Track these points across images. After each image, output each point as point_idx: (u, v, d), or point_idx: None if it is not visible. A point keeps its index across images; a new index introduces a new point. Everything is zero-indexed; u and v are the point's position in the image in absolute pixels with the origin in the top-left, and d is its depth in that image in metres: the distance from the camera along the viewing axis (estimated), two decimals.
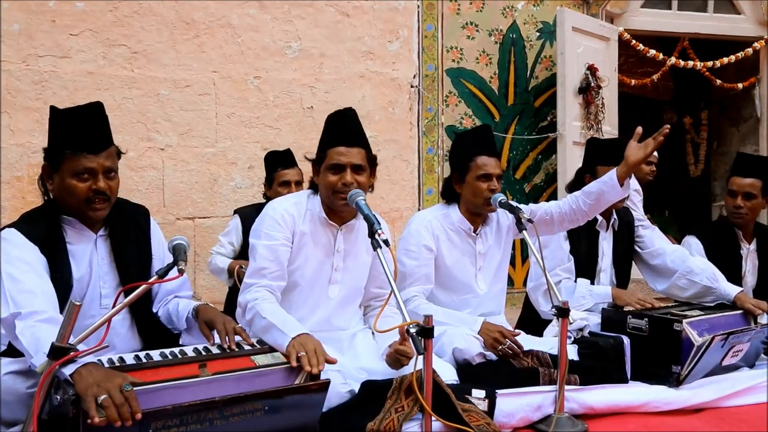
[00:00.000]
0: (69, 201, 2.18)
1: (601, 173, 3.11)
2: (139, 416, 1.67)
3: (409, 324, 1.95)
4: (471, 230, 3.05)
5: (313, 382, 2.02)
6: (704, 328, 2.90)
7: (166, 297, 2.47)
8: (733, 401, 2.80)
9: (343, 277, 2.65)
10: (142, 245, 2.38)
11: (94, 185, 2.16)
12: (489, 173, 2.95)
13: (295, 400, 1.97)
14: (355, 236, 2.68)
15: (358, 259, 2.69)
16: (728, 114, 7.34)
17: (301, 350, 2.07)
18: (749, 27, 6.25)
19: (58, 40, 4.23)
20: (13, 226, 2.18)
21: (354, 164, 2.51)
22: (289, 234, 2.55)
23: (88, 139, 2.16)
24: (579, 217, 3.08)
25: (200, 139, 4.56)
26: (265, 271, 2.50)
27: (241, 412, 1.87)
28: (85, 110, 2.22)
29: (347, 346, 2.60)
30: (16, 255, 2.08)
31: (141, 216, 2.45)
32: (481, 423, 2.25)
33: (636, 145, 2.88)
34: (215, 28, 4.58)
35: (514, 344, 2.74)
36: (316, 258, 2.60)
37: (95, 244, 2.27)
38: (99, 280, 2.27)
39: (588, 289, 3.35)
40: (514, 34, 5.47)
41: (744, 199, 3.55)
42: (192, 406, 1.79)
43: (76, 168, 2.14)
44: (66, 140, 2.16)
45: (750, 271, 3.66)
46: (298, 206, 2.61)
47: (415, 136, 5.16)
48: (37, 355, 1.85)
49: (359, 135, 2.60)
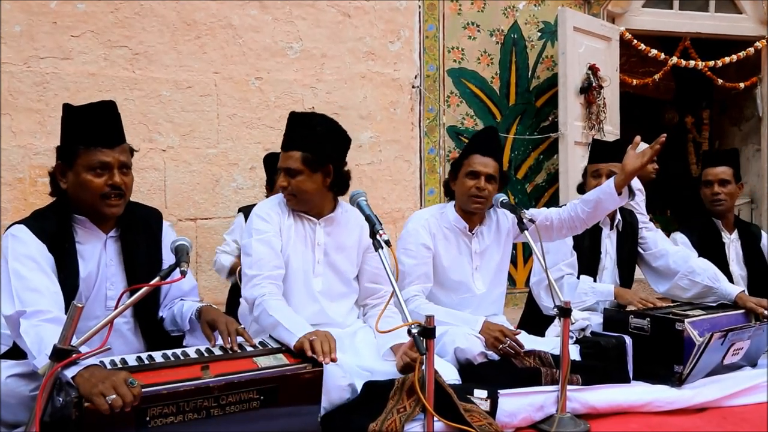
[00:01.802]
0: (84, 197, 2.18)
1: (595, 170, 3.42)
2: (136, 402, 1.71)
3: (410, 324, 1.95)
4: (466, 229, 3.06)
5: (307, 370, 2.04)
6: (706, 327, 2.90)
7: (173, 301, 2.46)
8: (736, 400, 2.80)
9: (325, 269, 2.71)
10: (152, 248, 2.38)
11: (110, 180, 2.16)
12: (477, 171, 2.95)
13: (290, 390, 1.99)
14: (338, 229, 2.74)
15: (343, 253, 2.74)
16: (730, 113, 7.33)
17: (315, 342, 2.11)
18: (751, 26, 6.25)
19: (59, 42, 4.24)
20: (23, 222, 2.17)
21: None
22: (276, 228, 2.64)
23: (102, 134, 2.16)
24: (577, 224, 3.10)
25: (202, 140, 4.56)
26: (263, 262, 2.56)
27: (237, 401, 1.89)
28: (99, 107, 2.22)
29: (348, 344, 2.61)
30: (23, 252, 2.08)
31: (153, 219, 2.45)
32: (483, 423, 2.25)
33: (634, 153, 2.90)
34: (216, 28, 4.58)
35: (514, 343, 2.74)
36: (299, 251, 2.67)
37: (104, 245, 2.27)
38: (106, 281, 2.27)
39: (591, 286, 3.36)
40: (515, 34, 5.46)
41: (720, 186, 3.69)
42: (187, 391, 1.82)
43: (92, 162, 2.14)
44: (80, 135, 2.16)
45: (734, 260, 3.71)
46: (281, 206, 2.71)
47: (416, 137, 5.16)
48: (39, 356, 1.85)
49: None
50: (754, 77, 6.50)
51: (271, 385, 1.95)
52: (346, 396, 2.33)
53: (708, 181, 3.73)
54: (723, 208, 3.72)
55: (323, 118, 2.71)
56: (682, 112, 8.22)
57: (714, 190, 3.69)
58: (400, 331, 2.09)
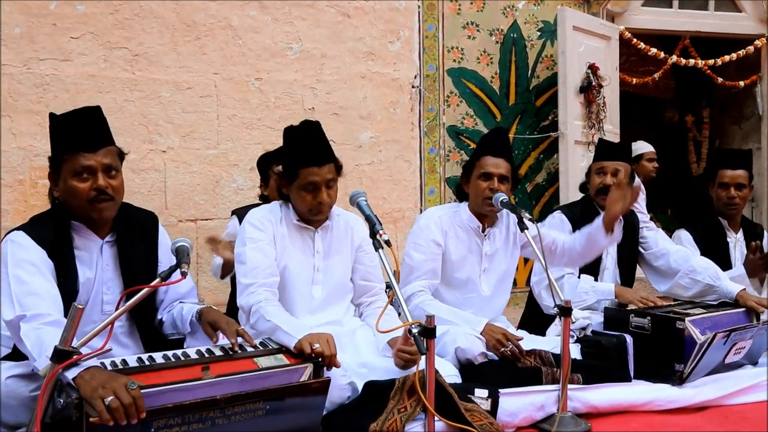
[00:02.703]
0: (73, 203, 2.18)
1: (600, 167, 3.47)
2: (144, 415, 1.68)
3: (411, 324, 1.96)
4: (480, 229, 3.07)
5: (315, 380, 2.03)
6: (707, 326, 2.90)
7: (172, 304, 2.46)
8: (737, 399, 2.81)
9: (324, 277, 2.72)
10: (149, 251, 2.38)
11: (95, 184, 2.16)
12: (490, 172, 2.97)
13: (296, 399, 1.98)
14: (331, 236, 2.75)
15: (339, 257, 2.76)
16: (730, 112, 7.32)
17: (315, 342, 2.11)
18: (750, 25, 6.24)
19: (59, 43, 4.24)
20: (22, 228, 2.18)
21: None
22: (270, 236, 2.63)
23: (83, 138, 2.16)
24: (575, 256, 3.15)
25: (202, 140, 4.56)
26: (257, 270, 2.55)
27: (242, 411, 1.88)
28: (82, 112, 2.22)
29: (348, 342, 2.61)
30: (23, 257, 2.08)
31: (149, 222, 2.44)
32: (484, 422, 2.25)
33: (618, 194, 2.95)
34: (216, 29, 4.58)
35: (516, 348, 2.74)
36: (297, 261, 2.67)
37: (101, 250, 2.27)
38: (102, 286, 2.28)
39: (591, 286, 3.36)
40: (515, 33, 5.46)
41: (736, 190, 3.68)
42: (194, 404, 1.80)
43: (75, 167, 2.14)
44: (64, 142, 2.16)
45: (739, 260, 3.70)
46: (273, 213, 2.70)
47: (416, 137, 5.16)
48: (40, 358, 1.85)
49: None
50: (754, 76, 6.48)
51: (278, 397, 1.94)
52: (346, 395, 2.33)
53: (725, 183, 3.70)
54: (736, 211, 3.72)
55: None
56: (682, 111, 8.21)
57: (730, 193, 3.67)
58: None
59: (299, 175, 2.57)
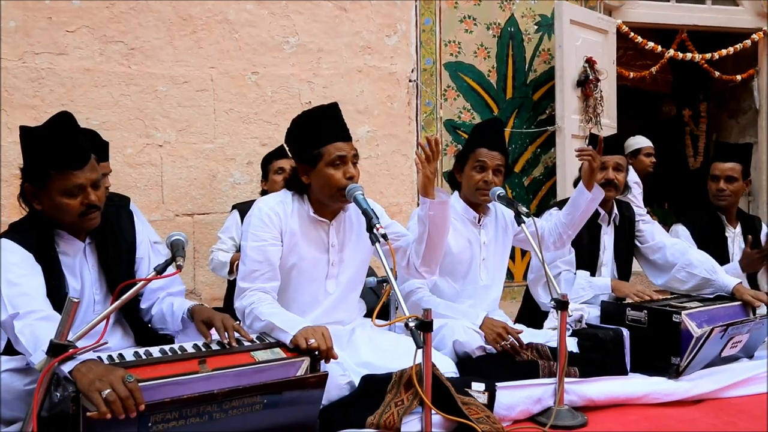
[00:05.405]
0: (62, 217, 2.18)
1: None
2: (143, 407, 1.68)
3: (408, 318, 1.95)
4: (476, 219, 3.07)
5: (312, 374, 2.03)
6: (703, 319, 2.91)
7: (156, 293, 2.42)
8: (733, 392, 2.81)
9: (339, 270, 2.64)
10: (126, 242, 2.37)
11: (86, 200, 2.15)
12: (485, 164, 2.96)
13: (294, 393, 1.97)
14: (346, 228, 2.66)
15: (354, 250, 2.68)
16: (727, 106, 7.33)
17: (310, 336, 2.09)
18: (748, 18, 6.25)
19: (54, 37, 4.22)
20: (5, 236, 2.17)
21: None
22: (276, 233, 2.52)
23: (70, 156, 2.13)
24: (561, 227, 3.14)
25: (199, 135, 4.55)
26: (256, 273, 2.48)
27: (240, 405, 1.88)
28: (58, 125, 2.17)
29: (347, 341, 2.61)
30: (11, 260, 2.09)
31: (123, 210, 2.43)
32: (481, 416, 2.25)
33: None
34: (212, 23, 4.57)
35: (516, 342, 2.75)
36: (311, 255, 2.58)
37: (84, 253, 2.28)
38: (92, 287, 2.29)
39: (587, 281, 3.36)
40: (512, 27, 5.46)
41: (726, 183, 3.69)
42: (191, 399, 1.79)
43: (67, 186, 2.12)
44: (48, 160, 2.13)
45: (738, 255, 3.69)
46: (284, 204, 2.57)
47: (413, 131, 5.16)
48: (36, 353, 1.85)
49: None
50: (751, 69, 6.49)
51: (276, 392, 1.94)
52: (344, 394, 2.33)
53: (715, 175, 3.74)
54: (725, 204, 3.73)
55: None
56: (679, 105, 8.21)
57: (719, 186, 3.70)
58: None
59: (325, 152, 2.47)
